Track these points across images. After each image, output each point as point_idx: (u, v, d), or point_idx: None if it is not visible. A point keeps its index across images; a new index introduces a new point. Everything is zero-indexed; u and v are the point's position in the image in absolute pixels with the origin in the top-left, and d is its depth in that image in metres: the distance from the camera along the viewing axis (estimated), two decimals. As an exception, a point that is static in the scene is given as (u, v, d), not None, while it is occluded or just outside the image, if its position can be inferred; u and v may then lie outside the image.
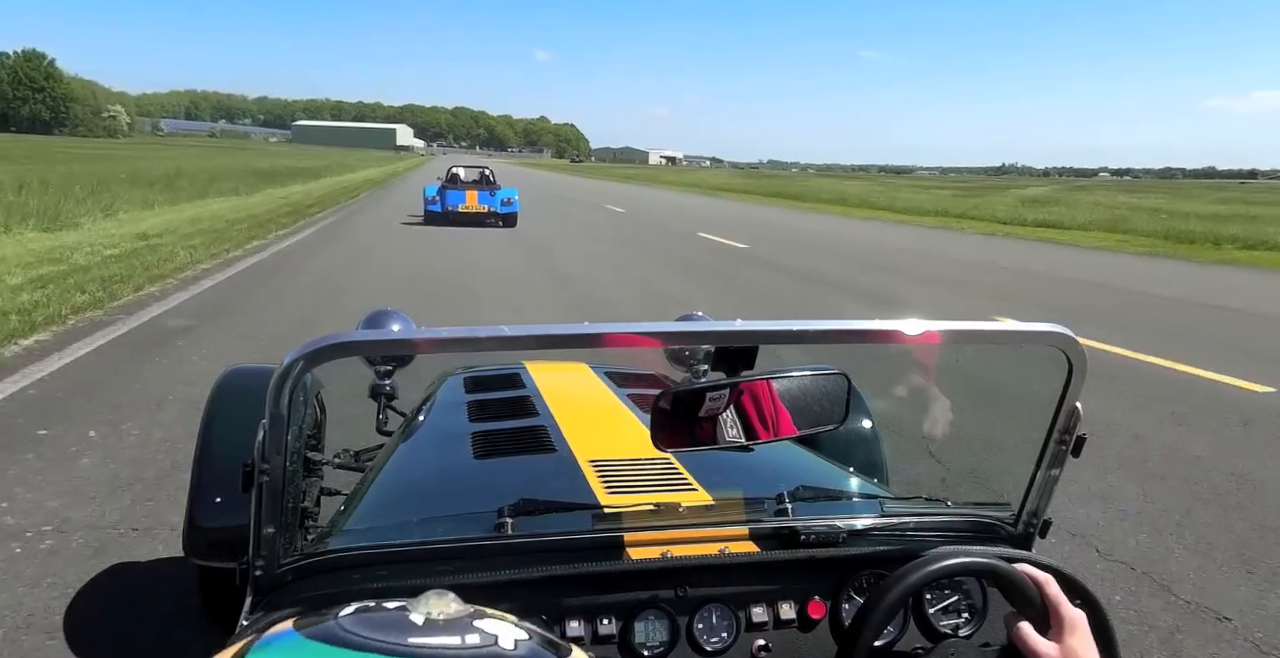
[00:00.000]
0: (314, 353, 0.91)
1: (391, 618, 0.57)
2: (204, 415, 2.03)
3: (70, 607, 2.49)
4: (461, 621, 0.57)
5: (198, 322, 6.53)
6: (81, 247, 9.88)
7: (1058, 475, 1.18)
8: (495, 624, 0.58)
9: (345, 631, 0.55)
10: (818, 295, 9.78)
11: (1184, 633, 2.62)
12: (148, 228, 12.18)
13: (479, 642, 0.55)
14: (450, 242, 13.64)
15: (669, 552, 1.14)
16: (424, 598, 0.59)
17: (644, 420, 1.69)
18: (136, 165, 29.06)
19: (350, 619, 0.57)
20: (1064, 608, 1.03)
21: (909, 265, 13.21)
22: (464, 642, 0.55)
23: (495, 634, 0.56)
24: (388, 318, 2.12)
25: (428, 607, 0.57)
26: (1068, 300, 9.90)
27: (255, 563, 1.05)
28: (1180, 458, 4.26)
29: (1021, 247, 17.56)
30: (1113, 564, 3.06)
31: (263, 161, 44.22)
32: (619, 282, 10.29)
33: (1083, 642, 1.01)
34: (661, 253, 13.65)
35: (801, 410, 1.22)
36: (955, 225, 23.27)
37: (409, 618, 0.57)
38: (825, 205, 32.38)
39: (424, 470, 1.68)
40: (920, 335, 1.00)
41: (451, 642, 0.55)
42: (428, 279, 9.53)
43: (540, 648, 0.58)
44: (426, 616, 0.57)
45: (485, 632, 0.56)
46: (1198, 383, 5.83)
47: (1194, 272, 13.82)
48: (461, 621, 0.57)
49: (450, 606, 0.58)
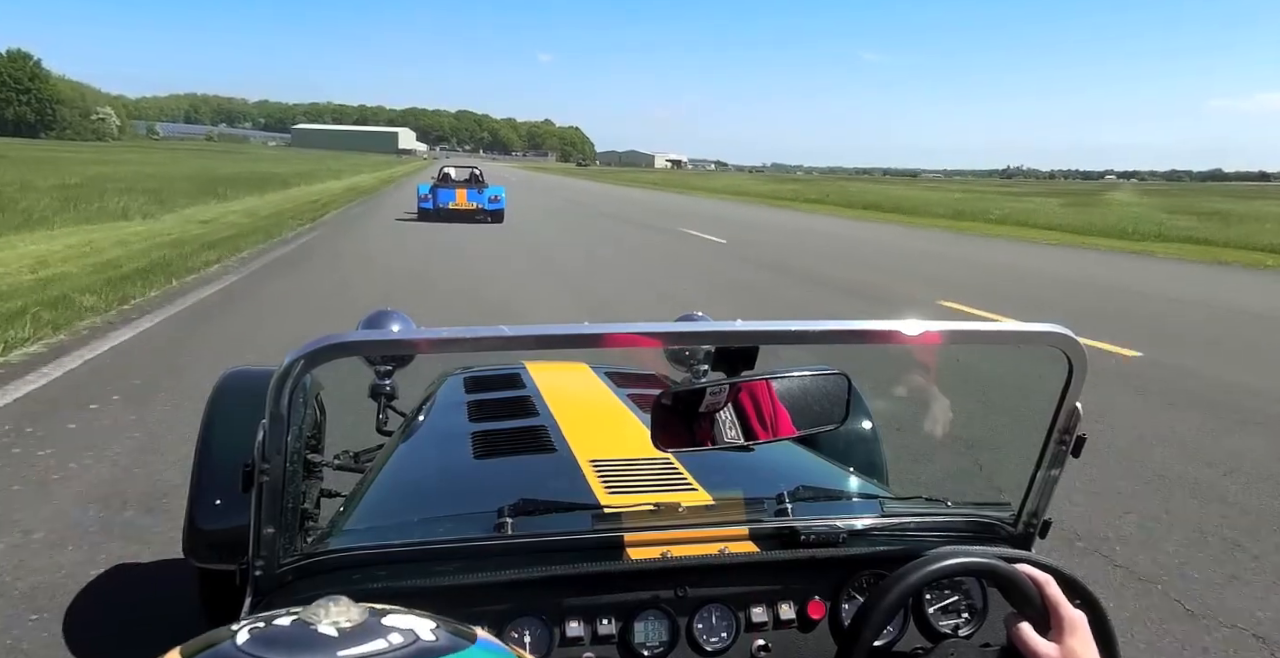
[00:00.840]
0: (314, 353, 0.91)
1: (299, 635, 0.53)
2: (204, 417, 2.03)
3: (70, 607, 2.47)
4: (369, 623, 0.54)
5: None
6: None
7: (1058, 476, 1.17)
8: (402, 619, 0.56)
9: (252, 656, 0.51)
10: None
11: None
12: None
13: (403, 641, 0.53)
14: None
15: (669, 552, 1.14)
16: (319, 607, 0.54)
17: (644, 421, 1.69)
18: (61, 171, 23.70)
19: (253, 644, 0.52)
20: (1064, 609, 1.02)
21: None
22: (390, 644, 0.52)
23: (411, 629, 0.54)
24: (388, 318, 2.11)
25: (330, 616, 0.54)
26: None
27: (255, 564, 1.05)
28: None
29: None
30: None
31: (232, 167, 37.83)
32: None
33: (1083, 643, 1.01)
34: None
35: (801, 410, 1.22)
36: (1193, 254, 16.59)
37: (319, 631, 0.53)
38: (949, 222, 24.51)
39: (424, 471, 1.68)
40: (920, 336, 1.00)
41: (379, 647, 0.52)
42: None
43: (452, 635, 0.55)
44: (335, 625, 0.53)
45: (401, 629, 0.54)
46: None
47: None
48: (369, 623, 0.54)
49: (350, 610, 0.55)
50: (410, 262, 11.26)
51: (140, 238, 11.62)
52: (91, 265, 8.92)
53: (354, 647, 0.51)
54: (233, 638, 0.53)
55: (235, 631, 0.54)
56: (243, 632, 0.54)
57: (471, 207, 18.13)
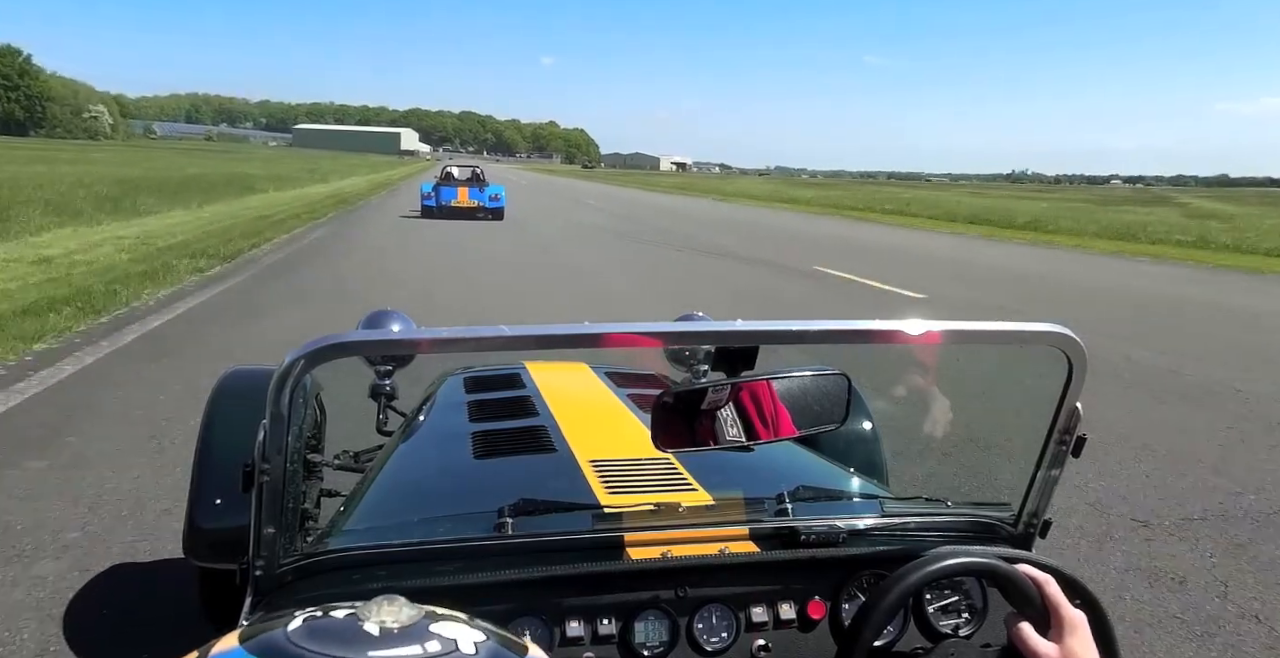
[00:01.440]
0: (314, 353, 0.91)
1: (344, 628, 0.55)
2: (204, 416, 2.03)
3: (70, 607, 2.48)
4: (416, 627, 0.55)
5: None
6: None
7: (1058, 476, 1.17)
8: (451, 627, 0.56)
9: (296, 646, 0.53)
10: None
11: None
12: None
13: (440, 649, 0.53)
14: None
15: (669, 552, 1.14)
16: (374, 604, 0.56)
17: (644, 420, 1.69)
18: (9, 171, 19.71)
19: (300, 632, 0.54)
20: (1064, 609, 1.02)
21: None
22: (425, 651, 0.53)
23: (454, 639, 0.55)
24: (388, 318, 2.12)
25: (380, 614, 0.55)
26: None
27: (255, 564, 1.05)
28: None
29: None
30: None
31: (204, 167, 33.63)
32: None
33: (1082, 643, 1.01)
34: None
35: (802, 410, 1.22)
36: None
37: (363, 629, 0.54)
38: (1118, 245, 19.01)
39: (424, 471, 1.68)
40: (921, 335, 1.00)
41: (412, 652, 0.52)
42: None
43: (499, 648, 0.56)
44: (381, 624, 0.54)
45: (444, 637, 0.55)
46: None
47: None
48: (416, 627, 0.55)
49: (402, 611, 0.56)
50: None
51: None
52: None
53: (387, 649, 0.52)
54: (286, 625, 0.55)
55: (294, 617, 0.56)
56: (299, 620, 0.56)
57: (473, 204, 18.66)
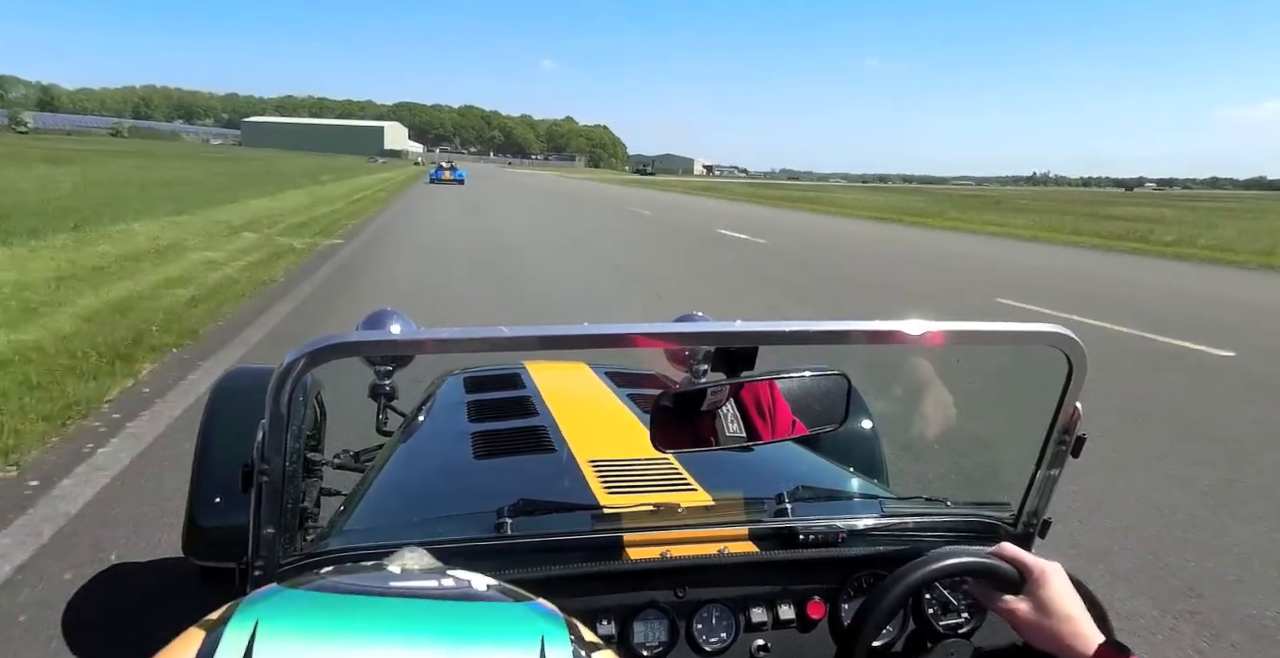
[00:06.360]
0: (314, 353, 0.91)
1: (370, 570, 0.63)
2: (204, 416, 2.03)
3: (69, 607, 2.48)
4: (434, 570, 0.63)
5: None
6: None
7: (1058, 475, 1.17)
8: (465, 574, 0.63)
9: (329, 581, 0.60)
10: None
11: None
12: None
13: (454, 585, 0.60)
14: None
15: (668, 552, 1.14)
16: (399, 554, 0.64)
17: (644, 421, 1.69)
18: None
19: (331, 573, 0.63)
20: (1028, 560, 1.03)
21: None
22: (440, 584, 0.60)
23: (468, 579, 0.61)
24: (388, 318, 2.11)
25: (403, 562, 0.63)
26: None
27: (255, 563, 1.05)
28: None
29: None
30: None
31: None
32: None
33: (1057, 591, 1.00)
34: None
35: (802, 410, 1.22)
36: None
37: (387, 569, 0.62)
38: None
39: (424, 471, 1.68)
40: (921, 336, 1.00)
41: (428, 585, 0.59)
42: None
43: (504, 592, 0.62)
44: (403, 567, 0.62)
45: (458, 578, 0.61)
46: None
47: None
48: (434, 570, 0.63)
49: (423, 559, 0.64)
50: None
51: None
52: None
53: (408, 581, 0.59)
54: (318, 570, 0.64)
55: (324, 570, 0.64)
56: (329, 567, 0.65)
57: (451, 180, 42.28)
